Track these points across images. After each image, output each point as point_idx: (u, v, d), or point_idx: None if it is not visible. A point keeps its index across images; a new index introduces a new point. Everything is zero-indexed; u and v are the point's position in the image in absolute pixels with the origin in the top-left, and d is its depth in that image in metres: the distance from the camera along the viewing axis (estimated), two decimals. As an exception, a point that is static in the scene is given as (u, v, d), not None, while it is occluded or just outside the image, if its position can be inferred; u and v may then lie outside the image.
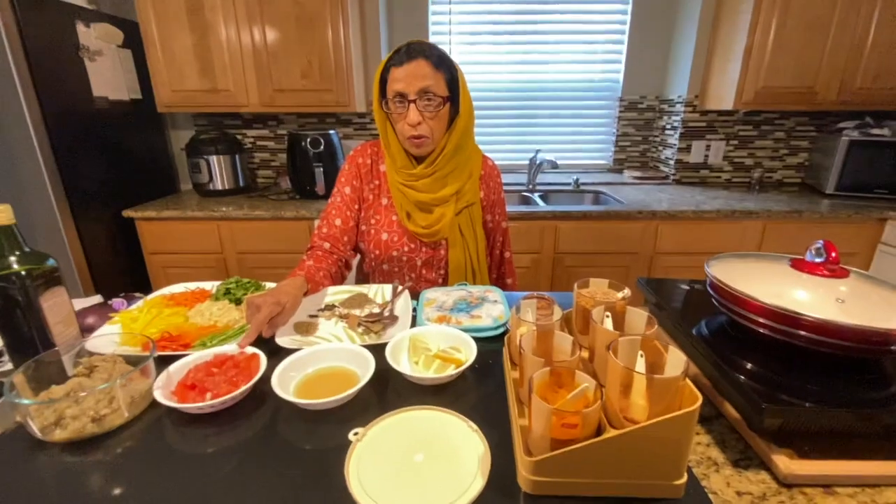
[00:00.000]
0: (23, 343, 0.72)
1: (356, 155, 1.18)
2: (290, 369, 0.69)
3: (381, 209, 1.17)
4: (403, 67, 0.99)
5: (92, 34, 1.94)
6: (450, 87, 1.04)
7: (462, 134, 1.08)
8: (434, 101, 1.01)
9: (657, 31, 2.49)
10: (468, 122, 1.09)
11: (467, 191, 1.14)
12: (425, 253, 1.15)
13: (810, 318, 0.58)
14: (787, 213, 2.00)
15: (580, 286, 0.75)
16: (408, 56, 0.99)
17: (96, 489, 0.52)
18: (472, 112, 1.11)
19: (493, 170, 1.23)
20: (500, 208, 1.24)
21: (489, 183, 1.21)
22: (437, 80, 1.01)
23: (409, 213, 1.12)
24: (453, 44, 2.53)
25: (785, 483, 0.53)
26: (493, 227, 1.25)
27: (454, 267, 1.15)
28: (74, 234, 1.89)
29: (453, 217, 1.12)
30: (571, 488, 0.49)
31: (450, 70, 1.03)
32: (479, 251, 1.18)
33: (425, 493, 0.49)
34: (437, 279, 1.19)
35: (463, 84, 1.06)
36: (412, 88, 0.99)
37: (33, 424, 0.58)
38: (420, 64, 0.99)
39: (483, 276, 1.20)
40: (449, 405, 0.62)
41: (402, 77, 0.99)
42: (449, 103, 1.04)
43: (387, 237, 1.15)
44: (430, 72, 0.99)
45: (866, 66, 2.07)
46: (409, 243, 1.15)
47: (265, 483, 0.53)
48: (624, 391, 0.48)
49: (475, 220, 1.16)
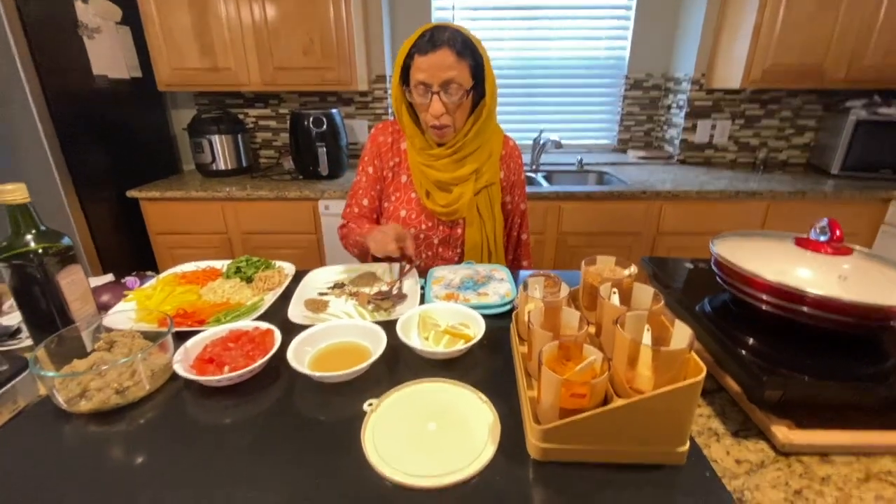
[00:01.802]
0: (42, 320, 0.74)
1: (377, 133, 1.19)
2: (305, 344, 0.71)
3: (401, 186, 1.17)
4: (427, 57, 0.97)
5: (90, 10, 1.91)
6: (474, 74, 1.02)
7: (486, 118, 1.07)
8: (458, 93, 1.00)
9: (664, 7, 2.44)
10: (492, 106, 1.08)
11: (486, 170, 1.14)
12: (442, 231, 1.16)
13: (813, 295, 0.59)
14: (791, 194, 2.00)
15: (587, 263, 0.76)
16: (432, 45, 0.96)
17: (120, 457, 0.55)
18: (496, 94, 1.08)
19: (514, 150, 1.22)
20: (519, 190, 1.24)
21: (510, 164, 1.21)
22: (461, 71, 0.98)
23: (428, 191, 1.13)
24: (456, 20, 2.48)
25: (783, 452, 0.55)
26: (511, 209, 1.25)
27: (470, 246, 1.16)
28: (81, 215, 1.90)
29: (472, 197, 1.12)
30: (579, 454, 0.51)
31: (474, 57, 1.00)
32: (496, 232, 1.18)
33: (440, 458, 0.51)
34: (453, 258, 1.19)
35: (488, 67, 1.03)
36: (435, 80, 0.98)
37: (59, 396, 0.60)
38: (444, 54, 0.96)
39: (499, 257, 1.21)
40: (459, 378, 0.65)
41: (425, 67, 0.97)
42: (472, 91, 1.03)
43: (405, 214, 1.15)
44: (454, 61, 0.97)
45: (876, 44, 2.03)
46: (427, 221, 1.15)
47: (284, 452, 0.55)
48: (630, 363, 0.50)
49: (494, 200, 1.17)
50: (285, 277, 0.99)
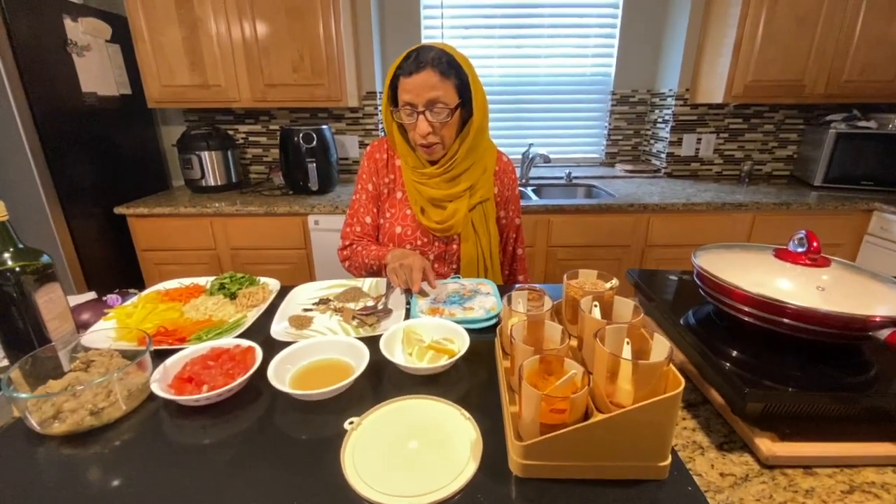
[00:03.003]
0: (18, 339, 0.72)
1: (373, 150, 1.19)
2: (286, 362, 0.70)
3: (396, 203, 1.17)
4: (412, 78, 0.98)
5: (79, 28, 1.92)
6: (460, 92, 1.02)
7: (476, 134, 1.07)
8: (443, 112, 1.00)
9: (648, 25, 2.50)
10: (482, 122, 1.08)
11: (480, 186, 1.14)
12: (438, 247, 1.16)
13: (792, 306, 0.60)
14: (776, 206, 2.03)
15: (569, 277, 0.76)
16: (416, 66, 0.98)
17: (95, 481, 0.53)
18: (487, 109, 1.09)
19: (507, 165, 1.23)
20: (514, 205, 1.25)
21: (503, 179, 1.21)
22: (446, 90, 0.99)
23: (423, 208, 1.13)
24: (445, 37, 2.53)
25: (767, 465, 0.55)
26: (506, 224, 1.26)
27: (466, 262, 1.16)
28: (66, 232, 1.88)
29: (467, 213, 1.13)
30: (560, 471, 0.51)
31: (459, 75, 1.01)
32: (492, 247, 1.19)
33: (419, 477, 0.50)
34: (449, 273, 1.19)
35: (475, 84, 1.04)
36: (420, 100, 0.99)
37: (32, 418, 0.58)
38: (428, 74, 0.97)
39: (495, 273, 1.21)
40: (442, 394, 0.64)
41: (410, 88, 0.99)
42: (460, 109, 1.04)
43: (400, 231, 1.15)
44: (439, 81, 0.98)
45: (853, 60, 2.10)
46: (423, 237, 1.15)
47: (262, 472, 0.54)
48: (611, 377, 0.50)
49: (489, 215, 1.17)
50: (270, 294, 0.98)
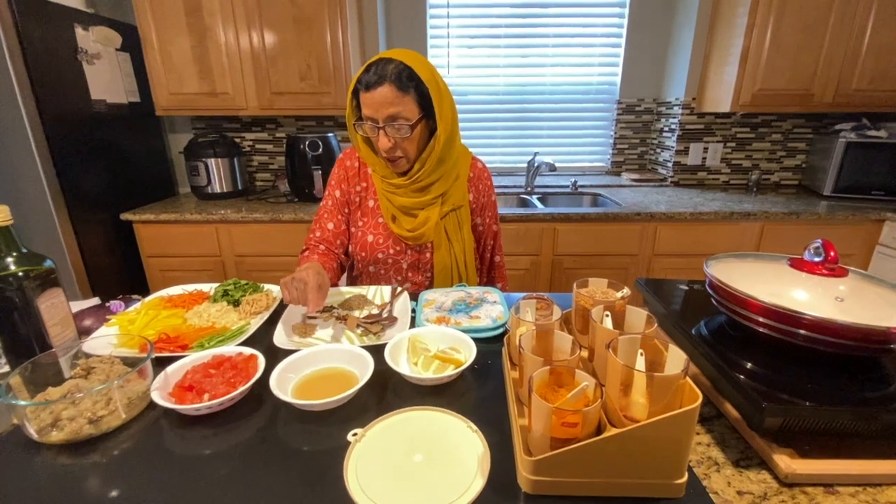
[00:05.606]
0: (20, 344, 0.71)
1: (345, 158, 1.18)
2: (289, 370, 0.69)
3: (368, 211, 1.16)
4: (371, 94, 0.95)
5: (90, 37, 1.94)
6: (422, 104, 0.99)
7: (444, 146, 1.03)
8: (404, 128, 0.97)
9: (654, 34, 2.50)
10: (451, 132, 1.04)
11: (453, 193, 1.12)
12: (411, 256, 1.15)
13: (810, 317, 0.58)
14: (785, 215, 2.01)
15: (579, 286, 0.75)
16: (374, 80, 0.94)
17: (93, 491, 0.52)
18: (456, 118, 1.06)
19: (482, 172, 1.20)
20: (490, 211, 1.22)
21: (478, 185, 1.19)
22: (405, 105, 0.96)
23: (394, 216, 1.12)
24: (451, 46, 2.54)
25: (786, 483, 0.53)
26: (483, 231, 1.23)
27: (439, 269, 1.14)
28: (72, 237, 1.88)
29: (438, 220, 1.10)
30: (571, 488, 0.49)
31: (419, 89, 0.97)
32: (466, 254, 1.16)
33: (425, 493, 0.48)
34: (423, 282, 1.18)
35: (439, 95, 0.99)
36: (380, 115, 0.96)
37: (30, 426, 0.57)
38: (385, 91, 0.94)
39: (470, 280, 1.19)
40: (448, 406, 0.62)
41: (369, 103, 0.96)
42: (424, 121, 1.01)
43: (372, 239, 1.14)
44: (397, 97, 0.94)
45: (862, 69, 2.08)
46: (395, 246, 1.14)
47: (263, 484, 0.52)
48: (624, 390, 0.48)
49: (462, 222, 1.15)
50: (273, 301, 0.97)
